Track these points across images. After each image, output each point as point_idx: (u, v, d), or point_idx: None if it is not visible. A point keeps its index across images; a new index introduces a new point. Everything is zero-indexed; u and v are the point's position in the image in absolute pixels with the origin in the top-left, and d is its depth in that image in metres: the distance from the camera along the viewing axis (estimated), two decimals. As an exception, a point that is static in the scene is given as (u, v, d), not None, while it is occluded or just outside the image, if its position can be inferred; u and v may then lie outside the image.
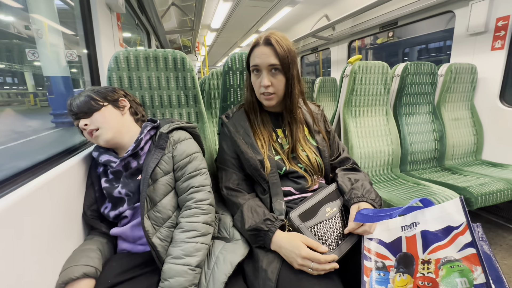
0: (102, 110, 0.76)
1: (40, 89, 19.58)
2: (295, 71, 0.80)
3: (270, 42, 0.76)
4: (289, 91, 0.81)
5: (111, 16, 1.20)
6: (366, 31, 3.10)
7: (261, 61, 0.77)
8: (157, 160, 0.74)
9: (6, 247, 0.48)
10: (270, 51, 0.76)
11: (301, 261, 0.61)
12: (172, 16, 3.57)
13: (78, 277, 0.62)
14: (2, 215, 0.47)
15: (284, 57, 0.76)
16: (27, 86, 20.73)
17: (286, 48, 0.77)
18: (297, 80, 0.81)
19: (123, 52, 0.93)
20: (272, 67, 0.77)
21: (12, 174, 0.62)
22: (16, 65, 17.61)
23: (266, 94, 0.80)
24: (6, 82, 19.54)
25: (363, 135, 1.64)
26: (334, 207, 0.75)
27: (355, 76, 1.58)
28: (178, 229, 0.71)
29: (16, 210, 0.51)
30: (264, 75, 0.78)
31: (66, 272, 0.62)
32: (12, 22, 6.35)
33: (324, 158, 0.87)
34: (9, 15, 7.18)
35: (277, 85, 0.79)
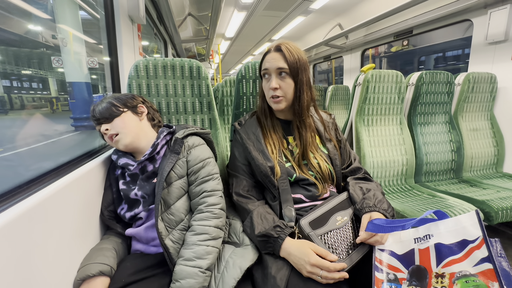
0: (122, 116, 0.80)
1: (62, 94, 20.60)
2: (305, 78, 0.82)
3: (280, 48, 0.81)
4: (298, 95, 0.82)
5: (133, 27, 1.27)
6: (380, 40, 3.08)
7: (270, 65, 0.81)
8: (172, 164, 0.77)
9: (33, 242, 0.51)
10: (279, 56, 0.80)
11: (310, 268, 0.61)
12: (188, 25, 3.70)
13: (95, 275, 0.65)
14: (30, 212, 0.51)
15: (292, 61, 0.79)
16: (50, 91, 21.87)
17: (296, 55, 0.80)
18: (307, 86, 0.83)
19: (143, 61, 0.98)
20: (280, 70, 0.80)
21: (39, 175, 0.67)
22: (42, 72, 18.69)
23: (275, 97, 0.82)
24: (32, 87, 20.74)
25: (375, 144, 1.62)
26: (345, 216, 0.75)
27: (368, 85, 1.57)
28: (190, 231, 0.73)
29: (42, 208, 0.55)
30: (273, 78, 0.81)
31: (83, 269, 0.65)
32: (41, 32, 6.80)
33: (336, 166, 0.87)
34: (38, 25, 7.68)
35: (285, 88, 0.81)
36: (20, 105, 12.24)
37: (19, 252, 0.46)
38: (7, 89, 11.65)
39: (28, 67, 11.94)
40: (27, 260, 0.49)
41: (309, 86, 0.84)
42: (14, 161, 4.56)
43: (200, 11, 3.30)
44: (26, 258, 0.49)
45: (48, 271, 0.56)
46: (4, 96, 11.23)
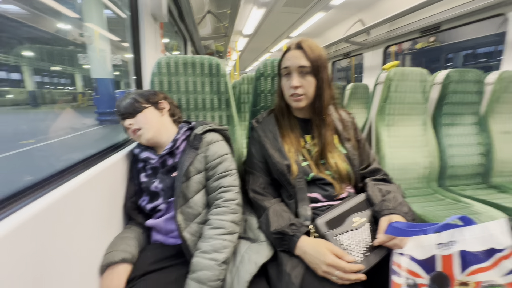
0: (144, 112, 0.83)
1: (87, 90, 21.66)
2: (326, 76, 0.81)
3: (301, 46, 0.80)
4: (319, 93, 0.82)
5: (155, 25, 1.31)
6: (404, 36, 2.94)
7: (291, 63, 0.81)
8: (191, 159, 0.79)
9: (63, 229, 0.55)
10: (300, 54, 0.80)
11: (326, 268, 0.60)
12: (207, 23, 3.75)
13: (118, 262, 0.69)
14: (62, 201, 0.54)
15: (314, 59, 0.78)
16: (76, 86, 22.96)
17: (317, 53, 0.80)
18: (327, 84, 0.82)
19: (165, 58, 1.01)
20: (301, 68, 0.79)
21: (69, 165, 0.71)
22: (69, 68, 19.55)
23: (295, 96, 0.82)
24: (60, 82, 21.76)
25: (396, 145, 1.56)
26: (363, 218, 0.73)
27: (390, 83, 1.52)
28: (207, 225, 0.75)
29: (73, 197, 0.58)
30: (294, 76, 0.81)
31: (108, 256, 0.69)
32: (70, 30, 7.15)
33: (354, 166, 0.86)
34: (68, 23, 8.07)
35: (306, 86, 0.81)
36: (50, 99, 13.09)
37: (51, 237, 0.50)
38: (38, 84, 12.41)
39: (58, 64, 12.62)
40: (59, 245, 0.53)
41: (329, 84, 0.83)
42: (45, 152, 4.87)
43: (219, 8, 3.33)
44: (57, 243, 0.52)
45: (77, 256, 0.60)
46: (35, 91, 12.01)
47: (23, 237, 0.41)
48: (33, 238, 0.43)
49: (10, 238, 0.39)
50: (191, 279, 0.66)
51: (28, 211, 0.44)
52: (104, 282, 0.67)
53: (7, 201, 0.46)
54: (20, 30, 11.75)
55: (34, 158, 4.31)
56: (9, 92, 17.75)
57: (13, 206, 0.44)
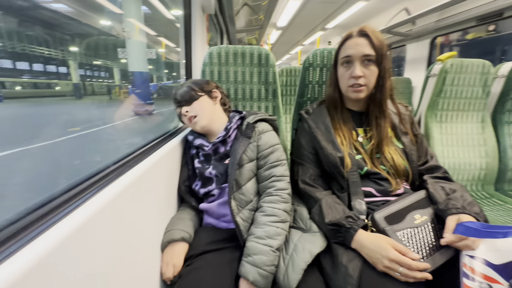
0: (200, 100, 0.86)
1: (123, 83, 23.01)
2: (387, 64, 0.77)
3: (365, 33, 0.76)
4: (381, 84, 0.78)
5: (203, 17, 1.34)
6: (457, 25, 2.68)
7: (354, 51, 0.77)
8: (244, 148, 0.80)
9: (133, 211, 0.58)
10: (365, 41, 0.76)
11: (388, 263, 0.58)
12: (240, 16, 3.76)
13: (177, 240, 0.73)
14: (131, 186, 0.57)
15: (379, 48, 0.75)
16: (114, 79, 24.56)
17: (382, 40, 0.76)
18: (389, 73, 0.79)
19: (216, 48, 1.03)
20: (366, 57, 0.76)
21: (134, 151, 0.76)
22: (109, 62, 20.98)
23: (356, 86, 0.78)
24: (101, 76, 23.50)
25: (448, 143, 1.45)
26: (424, 216, 0.70)
27: (445, 76, 1.40)
28: (260, 212, 0.76)
29: (138, 182, 0.61)
30: (356, 65, 0.77)
31: (169, 234, 0.74)
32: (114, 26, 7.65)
33: (412, 162, 0.81)
34: (112, 20, 8.58)
35: (369, 76, 0.77)
36: (91, 91, 14.28)
37: (123, 218, 0.53)
38: (82, 77, 13.56)
39: (99, 58, 13.66)
40: (129, 225, 0.57)
41: (390, 74, 0.79)
42: (90, 138, 5.30)
43: (254, 0, 3.31)
44: (128, 224, 0.56)
45: (143, 234, 0.65)
46: (79, 84, 13.11)
47: (104, 217, 0.45)
48: (110, 218, 0.47)
49: (95, 217, 0.43)
50: (246, 262, 0.68)
51: (106, 194, 0.48)
52: (165, 258, 0.72)
53: (89, 188, 0.50)
54: (70, 26, 12.87)
55: (81, 144, 4.74)
56: (58, 84, 19.61)
57: (92, 190, 0.49)
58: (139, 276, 0.60)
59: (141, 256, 0.63)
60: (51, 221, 0.38)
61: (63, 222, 0.39)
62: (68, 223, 0.38)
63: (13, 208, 0.39)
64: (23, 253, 0.32)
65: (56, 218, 0.39)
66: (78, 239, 0.39)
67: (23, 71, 18.24)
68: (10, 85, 14.84)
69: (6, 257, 0.30)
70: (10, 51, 12.26)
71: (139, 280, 0.60)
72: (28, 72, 18.64)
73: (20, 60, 17.46)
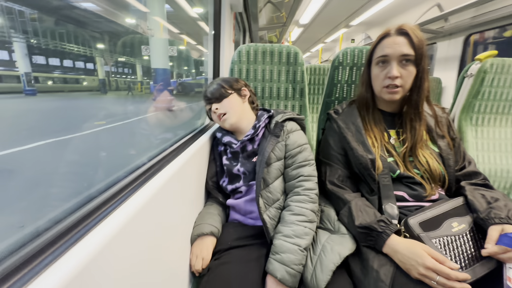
0: (229, 97, 0.87)
1: (144, 79, 23.96)
2: (426, 65, 0.74)
3: (404, 31, 0.73)
4: (418, 85, 0.75)
5: (231, 15, 1.35)
6: (494, 22, 2.50)
7: (392, 51, 0.74)
8: (272, 146, 0.81)
9: (167, 205, 0.61)
10: (404, 40, 0.73)
11: (424, 271, 0.57)
12: (263, 13, 3.74)
13: (207, 233, 0.75)
14: (167, 183, 0.59)
15: (419, 47, 0.72)
16: (137, 76, 25.62)
17: (422, 39, 0.73)
18: (427, 74, 0.75)
19: (245, 46, 1.04)
20: (404, 57, 0.73)
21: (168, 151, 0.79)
22: (132, 59, 21.84)
23: (391, 87, 0.75)
24: (124, 72, 24.63)
25: (484, 148, 1.36)
26: (463, 224, 0.66)
27: (484, 76, 1.31)
28: (287, 211, 0.76)
29: (173, 179, 0.63)
30: (393, 65, 0.74)
31: (198, 227, 0.76)
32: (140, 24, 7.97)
33: (448, 167, 0.77)
34: (136, 18, 8.89)
35: (406, 77, 0.74)
36: (115, 87, 15.02)
37: (159, 214, 0.56)
38: (107, 73, 14.31)
39: (123, 55, 14.28)
40: (165, 218, 0.59)
41: (427, 75, 0.76)
42: (116, 132, 5.56)
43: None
44: (163, 217, 0.58)
45: (176, 227, 0.67)
46: (105, 79, 13.82)
47: (143, 214, 0.48)
48: (148, 215, 0.50)
49: (137, 215, 0.45)
50: (274, 259, 0.68)
51: (145, 192, 0.51)
52: (194, 250, 0.74)
53: (129, 186, 0.53)
54: (99, 24, 13.49)
55: (109, 136, 4.99)
56: (85, 79, 20.73)
57: (132, 188, 0.52)
58: (171, 267, 0.63)
59: (173, 248, 0.65)
60: (96, 219, 0.41)
61: (108, 220, 0.41)
62: (112, 221, 0.40)
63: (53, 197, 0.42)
64: (74, 251, 0.34)
65: (101, 216, 0.41)
66: (122, 236, 0.41)
67: (55, 67, 19.45)
68: (43, 80, 15.89)
69: (56, 258, 0.32)
70: (44, 48, 13.11)
71: (170, 271, 0.63)
72: (59, 68, 19.85)
73: (52, 57, 18.61)
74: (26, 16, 10.34)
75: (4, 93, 11.45)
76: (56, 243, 0.34)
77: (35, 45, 12.01)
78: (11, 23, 9.86)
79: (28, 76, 11.21)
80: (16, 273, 0.29)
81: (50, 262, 0.31)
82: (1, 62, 15.10)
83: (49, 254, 0.33)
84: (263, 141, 0.84)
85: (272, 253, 0.70)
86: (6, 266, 0.30)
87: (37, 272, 0.29)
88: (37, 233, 0.36)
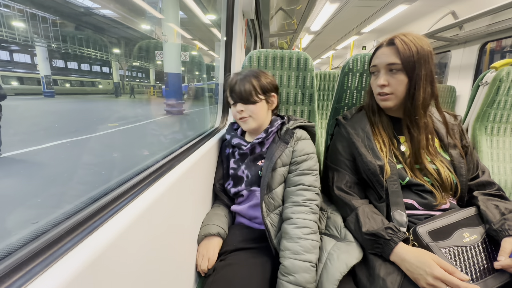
0: (257, 104, 0.83)
1: (157, 83, 24.57)
2: (424, 72, 0.72)
3: (392, 42, 0.75)
4: (412, 92, 0.74)
5: (242, 22, 1.38)
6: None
7: (379, 61, 0.77)
8: (281, 152, 0.81)
9: (176, 205, 0.62)
10: (390, 51, 0.75)
11: (432, 281, 0.55)
12: (274, 20, 3.79)
13: (214, 234, 0.76)
14: (175, 182, 0.61)
15: (407, 55, 0.72)
16: (150, 80, 26.37)
17: (414, 47, 0.72)
18: (426, 81, 0.73)
19: (256, 52, 1.06)
20: (390, 66, 0.75)
21: (177, 150, 0.81)
22: (145, 63, 22.43)
23: (382, 95, 0.78)
24: (138, 76, 25.40)
25: (500, 158, 1.32)
26: (474, 234, 0.65)
27: (499, 85, 1.28)
28: (290, 224, 0.74)
29: (182, 179, 0.65)
30: (381, 74, 0.77)
31: (205, 228, 0.77)
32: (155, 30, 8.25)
33: (460, 176, 0.76)
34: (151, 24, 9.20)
35: (395, 85, 0.75)
36: (129, 90, 15.49)
37: (166, 214, 0.57)
38: (121, 77, 14.83)
39: (137, 60, 14.79)
40: (172, 218, 0.61)
41: (429, 81, 0.74)
42: (129, 134, 5.70)
43: (289, 5, 3.33)
44: (171, 217, 0.60)
45: (183, 227, 0.68)
46: (119, 83, 14.28)
47: (150, 214, 0.49)
48: (156, 215, 0.51)
49: (144, 214, 0.47)
50: (288, 282, 0.65)
51: (152, 192, 0.52)
52: (201, 250, 0.75)
53: (137, 186, 0.54)
54: (115, 30, 14.00)
55: (122, 138, 5.13)
56: (101, 83, 21.47)
57: (140, 188, 0.53)
58: (177, 266, 0.64)
59: (180, 248, 0.66)
60: (105, 217, 0.42)
61: (116, 218, 0.42)
62: (121, 219, 0.42)
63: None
64: (81, 247, 0.35)
65: (109, 215, 0.42)
66: (129, 234, 0.42)
67: (72, 70, 20.25)
68: (61, 83, 16.55)
69: (62, 255, 0.33)
70: (64, 52, 13.71)
71: (176, 270, 0.64)
72: (76, 71, 20.64)
73: (71, 60, 19.39)
74: (49, 21, 10.87)
75: (25, 95, 12.00)
76: (64, 239, 0.36)
77: (55, 49, 12.58)
78: (34, 28, 10.39)
79: (47, 79, 11.72)
80: (23, 267, 0.30)
81: (58, 258, 0.32)
82: (24, 65, 15.87)
83: (57, 249, 0.34)
84: (272, 146, 0.84)
85: (283, 274, 0.67)
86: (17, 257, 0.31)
87: (45, 266, 0.31)
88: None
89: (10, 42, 11.55)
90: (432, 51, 0.75)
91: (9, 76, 11.78)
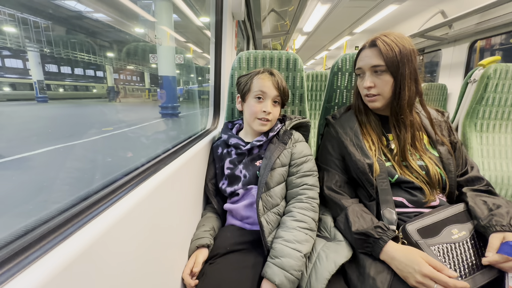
0: (279, 108, 0.88)
1: (152, 86, 24.51)
2: (408, 70, 0.74)
3: (375, 43, 0.75)
4: (398, 92, 0.75)
5: (232, 23, 1.38)
6: (500, 28, 2.48)
7: (363, 63, 0.78)
8: (279, 153, 0.82)
9: (163, 205, 0.61)
10: (373, 52, 0.76)
11: (421, 278, 0.55)
12: (267, 21, 3.81)
13: (204, 246, 0.76)
14: (163, 183, 0.60)
15: (390, 56, 0.73)
16: (145, 83, 26.28)
17: (396, 48, 0.73)
18: (410, 80, 0.75)
19: (245, 53, 1.06)
20: (375, 68, 0.76)
21: (167, 150, 0.80)
22: (140, 67, 22.35)
23: (370, 96, 0.79)
24: (132, 79, 25.29)
25: (489, 154, 1.34)
26: (463, 231, 0.65)
27: (487, 82, 1.30)
28: (289, 216, 0.76)
29: (170, 180, 0.64)
30: (367, 76, 0.78)
31: (197, 241, 0.77)
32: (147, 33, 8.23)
33: (449, 172, 0.76)
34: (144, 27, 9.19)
35: (381, 86, 0.76)
36: (123, 94, 15.40)
37: (154, 215, 0.56)
38: (115, 81, 14.80)
39: (131, 63, 14.77)
40: (160, 220, 0.60)
41: (414, 80, 0.76)
42: (123, 137, 5.65)
43: (281, 6, 3.34)
44: (159, 219, 0.59)
45: (173, 227, 0.67)
46: (113, 87, 14.22)
47: (136, 215, 0.48)
48: (142, 216, 0.50)
49: (129, 215, 0.46)
50: (273, 263, 0.67)
51: (138, 193, 0.51)
52: (190, 262, 0.74)
53: (123, 186, 0.53)
54: (108, 33, 13.93)
55: (116, 142, 5.08)
56: (95, 87, 21.30)
57: (126, 189, 0.52)
58: (165, 270, 0.63)
59: (168, 251, 0.65)
60: (85, 219, 0.41)
61: (99, 219, 0.41)
62: (103, 221, 0.41)
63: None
64: (65, 245, 0.34)
65: (90, 216, 0.41)
66: (112, 236, 0.41)
67: (66, 74, 20.05)
68: (54, 88, 16.37)
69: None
70: (57, 56, 13.58)
71: (164, 273, 0.62)
72: (70, 76, 20.44)
73: (64, 65, 19.21)
74: (40, 26, 10.77)
75: (18, 100, 11.84)
76: (47, 237, 0.35)
77: (48, 54, 12.47)
78: (26, 33, 10.28)
79: (40, 84, 11.60)
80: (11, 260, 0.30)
81: (41, 255, 0.32)
82: (17, 70, 15.68)
83: (40, 247, 0.33)
84: (271, 147, 0.85)
85: (271, 257, 0.69)
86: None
87: (19, 270, 0.30)
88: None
89: (1, 48, 11.40)
90: (415, 49, 0.76)
91: (0, 82, 11.62)
